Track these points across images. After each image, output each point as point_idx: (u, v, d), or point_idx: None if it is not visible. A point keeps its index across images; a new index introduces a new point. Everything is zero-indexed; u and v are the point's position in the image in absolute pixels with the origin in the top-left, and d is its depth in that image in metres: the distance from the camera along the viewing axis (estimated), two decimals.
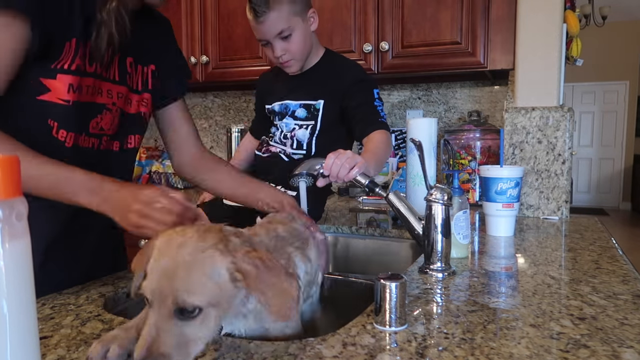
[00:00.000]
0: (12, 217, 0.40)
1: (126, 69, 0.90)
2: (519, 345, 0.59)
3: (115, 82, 0.88)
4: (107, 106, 0.88)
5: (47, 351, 0.58)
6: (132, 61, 0.91)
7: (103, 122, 0.88)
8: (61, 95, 0.78)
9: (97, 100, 0.85)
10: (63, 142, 0.81)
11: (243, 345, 0.59)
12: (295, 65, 1.37)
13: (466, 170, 1.85)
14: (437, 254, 0.91)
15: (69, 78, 0.77)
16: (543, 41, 1.62)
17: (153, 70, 0.97)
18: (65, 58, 0.76)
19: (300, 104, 1.44)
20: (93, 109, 0.85)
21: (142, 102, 0.96)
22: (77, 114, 0.82)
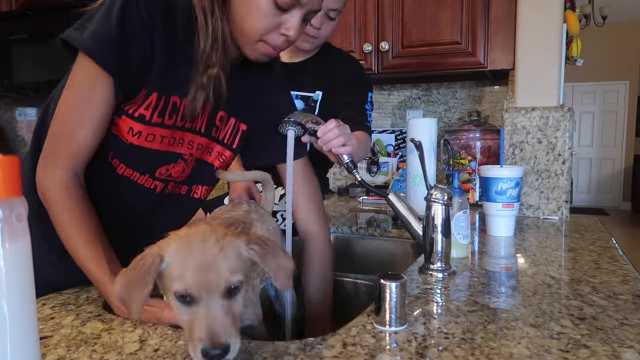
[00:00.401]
0: (12, 217, 0.40)
1: (214, 121, 0.87)
2: (519, 345, 0.59)
3: (200, 133, 0.86)
4: (184, 156, 0.86)
5: (47, 351, 0.58)
6: (224, 115, 0.88)
7: (174, 170, 0.86)
8: (122, 133, 0.79)
9: (175, 149, 0.84)
10: (114, 168, 0.82)
11: (243, 345, 0.59)
12: (315, 44, 1.36)
13: (466, 170, 1.85)
14: (437, 254, 0.91)
15: (130, 122, 0.78)
16: (543, 41, 1.62)
17: (244, 131, 0.93)
18: (135, 104, 0.77)
19: (298, 94, 1.41)
20: (167, 157, 0.84)
21: (221, 157, 0.93)
22: (138, 155, 0.81)
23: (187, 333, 0.51)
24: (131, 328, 0.66)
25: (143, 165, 0.84)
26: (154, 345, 0.60)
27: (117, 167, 0.82)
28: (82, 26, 0.73)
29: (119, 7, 0.71)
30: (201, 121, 0.85)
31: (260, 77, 0.92)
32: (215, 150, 0.91)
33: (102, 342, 0.61)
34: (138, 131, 0.79)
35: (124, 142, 0.79)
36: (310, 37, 1.32)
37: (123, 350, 0.59)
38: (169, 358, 0.56)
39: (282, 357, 0.56)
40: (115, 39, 0.71)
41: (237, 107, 0.90)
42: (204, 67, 0.77)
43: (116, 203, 0.83)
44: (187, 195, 0.93)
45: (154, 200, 0.88)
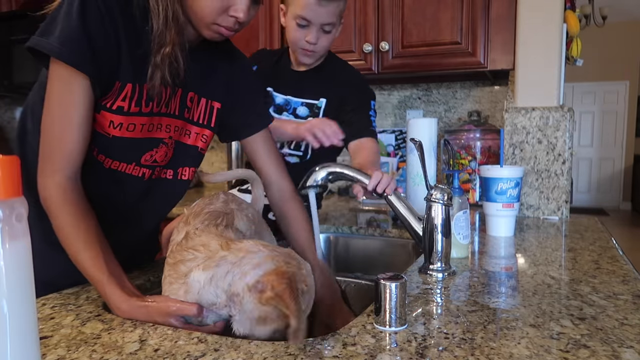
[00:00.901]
0: (12, 218, 0.40)
1: (186, 103, 0.90)
2: (519, 345, 0.59)
3: (175, 116, 0.88)
4: (164, 140, 0.88)
5: (47, 351, 0.58)
6: (194, 95, 0.91)
7: (157, 155, 0.89)
8: (103, 128, 0.80)
9: (155, 135, 0.86)
10: (101, 163, 0.84)
11: (243, 345, 0.59)
12: (314, 58, 1.38)
13: (466, 170, 1.85)
14: (437, 254, 0.91)
15: (109, 115, 0.79)
16: (543, 41, 1.62)
17: (219, 109, 0.96)
18: (111, 97, 0.78)
19: (303, 102, 1.44)
20: (149, 143, 0.86)
21: (202, 137, 0.95)
22: (123, 147, 0.83)
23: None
24: (131, 328, 0.66)
25: (128, 155, 0.85)
26: (154, 345, 0.60)
27: (103, 162, 0.84)
28: (46, 31, 0.73)
29: (78, 5, 0.72)
30: (175, 104, 0.87)
31: (226, 57, 0.97)
32: (193, 132, 0.93)
33: (102, 342, 0.61)
34: (119, 123, 0.80)
35: (107, 136, 0.81)
36: (308, 51, 1.34)
37: (123, 350, 0.59)
38: (169, 358, 0.56)
39: (282, 357, 0.56)
40: (82, 38, 0.72)
41: (207, 88, 0.93)
42: (157, 47, 0.78)
43: (107, 196, 0.85)
44: (173, 178, 0.95)
45: (142, 187, 0.90)
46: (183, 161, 0.95)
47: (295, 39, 1.34)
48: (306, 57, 1.37)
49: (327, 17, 1.29)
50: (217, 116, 0.96)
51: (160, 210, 1.00)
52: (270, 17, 2.05)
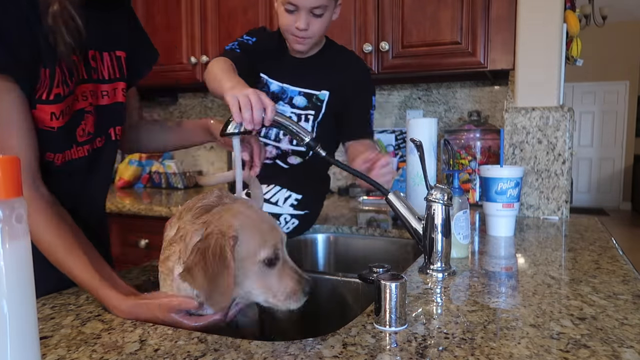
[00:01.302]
0: (12, 218, 0.40)
1: (89, 63, 0.84)
2: (519, 345, 0.59)
3: (84, 80, 0.83)
4: (86, 109, 0.84)
5: (47, 351, 0.58)
6: (94, 53, 0.85)
7: (87, 126, 0.85)
8: (45, 123, 0.75)
9: (76, 107, 0.82)
10: (52, 162, 0.80)
11: (243, 345, 0.59)
12: (307, 45, 1.30)
13: (466, 170, 1.85)
14: (437, 254, 0.91)
15: (49, 107, 0.75)
16: (543, 41, 1.62)
17: (125, 57, 0.91)
18: (42, 87, 0.73)
19: (300, 91, 1.36)
20: (76, 118, 0.82)
21: (121, 91, 0.91)
22: (63, 135, 0.80)
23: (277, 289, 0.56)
24: (131, 328, 0.66)
25: (67, 141, 0.81)
26: (154, 345, 0.60)
27: (54, 161, 0.80)
28: None
29: None
30: (80, 68, 0.82)
31: (116, 9, 0.91)
32: (108, 90, 0.89)
33: (102, 342, 0.61)
34: (60, 112, 0.76)
35: (51, 131, 0.76)
36: (299, 38, 1.26)
37: (123, 350, 0.59)
38: (169, 358, 0.56)
39: (282, 357, 0.56)
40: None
41: (105, 40, 0.87)
42: (44, 7, 0.72)
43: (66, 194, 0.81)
44: (106, 142, 0.91)
45: (86, 163, 0.87)
46: (111, 122, 0.91)
47: (285, 25, 1.27)
48: (298, 44, 1.29)
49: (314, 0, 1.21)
50: (127, 65, 0.91)
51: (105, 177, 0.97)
52: (270, 15, 2.04)
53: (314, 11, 1.22)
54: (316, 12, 1.22)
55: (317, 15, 1.23)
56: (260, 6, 2.07)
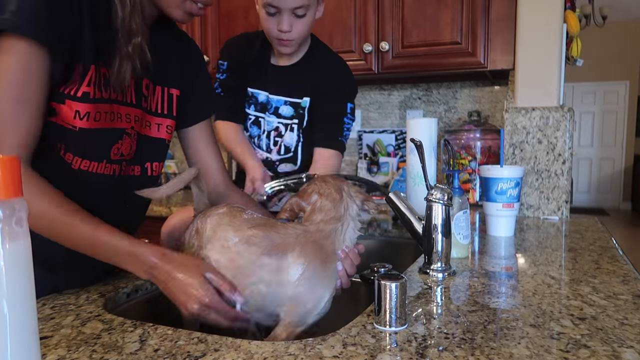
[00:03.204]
0: (12, 218, 0.40)
1: (142, 91, 0.85)
2: (519, 345, 0.59)
3: (132, 105, 0.84)
4: (127, 130, 0.84)
5: (47, 351, 0.58)
6: (149, 82, 0.87)
7: (123, 148, 0.84)
8: (68, 120, 0.75)
9: (117, 125, 0.82)
10: (69, 164, 0.78)
11: (243, 345, 0.59)
12: (292, 47, 1.25)
13: (466, 170, 1.85)
14: (437, 254, 0.91)
15: (75, 104, 0.74)
16: (543, 41, 1.62)
17: (178, 96, 0.92)
18: (73, 83, 0.73)
19: (286, 100, 1.31)
20: (114, 135, 0.82)
21: (166, 128, 0.91)
22: (91, 142, 0.78)
23: None
24: (131, 328, 0.66)
25: (96, 150, 0.80)
26: (154, 345, 0.60)
27: (72, 162, 0.78)
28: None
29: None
30: (130, 92, 0.82)
31: (177, 42, 0.93)
32: (153, 123, 0.89)
33: (102, 342, 0.61)
34: (86, 112, 0.75)
35: (73, 130, 0.75)
36: (283, 41, 1.22)
37: (123, 350, 0.58)
38: (169, 358, 0.56)
39: (282, 357, 0.56)
40: (45, 11, 0.66)
41: (161, 75, 0.88)
42: (126, 36, 0.74)
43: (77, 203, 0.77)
44: (142, 175, 0.90)
45: (112, 188, 0.85)
46: (148, 155, 0.90)
47: (268, 29, 1.22)
48: (283, 46, 1.24)
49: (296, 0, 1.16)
50: (178, 104, 0.92)
51: (134, 212, 0.95)
52: None
53: (296, 12, 1.18)
54: (298, 12, 1.18)
55: (300, 15, 1.18)
56: None
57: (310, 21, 1.22)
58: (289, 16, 1.18)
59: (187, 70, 0.94)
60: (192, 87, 0.95)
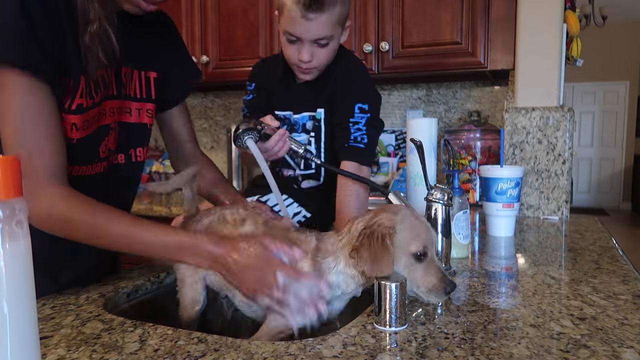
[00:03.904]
0: (12, 218, 0.40)
1: (121, 79, 0.84)
2: (519, 345, 0.59)
3: (114, 97, 0.83)
4: (111, 125, 0.84)
5: (47, 351, 0.58)
6: (127, 70, 0.85)
7: (110, 142, 0.84)
8: (65, 134, 0.74)
9: (102, 123, 0.81)
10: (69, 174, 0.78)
11: (243, 345, 0.59)
12: (312, 75, 1.18)
13: (466, 170, 1.85)
14: (437, 254, 0.91)
15: (71, 118, 0.74)
16: (543, 41, 1.62)
17: (155, 78, 0.91)
18: (66, 97, 0.73)
19: (309, 115, 1.24)
20: (100, 134, 0.81)
21: (146, 112, 0.90)
22: (84, 148, 0.79)
23: (423, 281, 0.67)
24: (131, 328, 0.66)
25: (89, 154, 0.80)
26: (154, 345, 0.60)
27: (70, 172, 0.77)
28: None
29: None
30: (112, 84, 0.82)
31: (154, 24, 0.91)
32: (133, 109, 0.88)
33: (102, 342, 0.61)
34: (82, 124, 0.75)
35: (70, 142, 0.75)
36: (303, 70, 1.15)
37: (123, 350, 0.59)
38: (169, 358, 0.56)
39: (282, 357, 0.56)
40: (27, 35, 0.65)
41: (138, 59, 0.87)
42: (83, 25, 0.72)
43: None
44: (126, 162, 0.90)
45: (101, 183, 0.85)
46: (132, 142, 0.89)
47: (288, 56, 1.15)
48: (304, 74, 1.17)
49: (318, 31, 1.08)
50: (155, 86, 0.90)
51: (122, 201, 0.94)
52: (270, 17, 2.05)
53: (319, 42, 1.10)
54: (321, 42, 1.10)
55: (322, 45, 1.11)
56: (260, 6, 2.07)
57: (332, 49, 1.15)
58: (310, 46, 1.10)
59: (163, 52, 0.93)
60: (170, 67, 0.94)
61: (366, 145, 1.14)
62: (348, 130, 1.14)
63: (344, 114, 1.16)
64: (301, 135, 1.25)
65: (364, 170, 1.13)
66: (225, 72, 2.19)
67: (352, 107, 1.17)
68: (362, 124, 1.15)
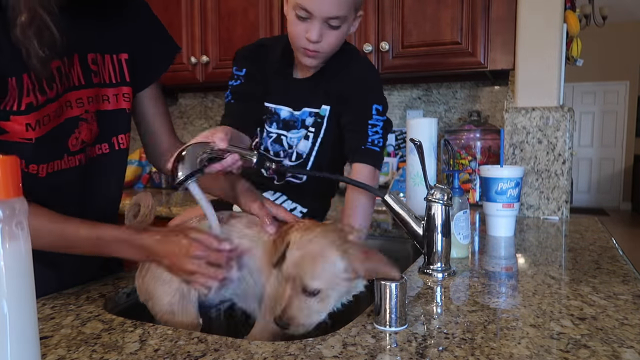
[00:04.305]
0: (12, 218, 0.40)
1: (89, 67, 0.80)
2: (519, 345, 0.59)
3: (82, 86, 0.79)
4: (81, 117, 0.80)
5: (47, 351, 0.58)
6: (95, 56, 0.81)
7: (82, 135, 0.81)
8: (21, 135, 0.72)
9: (68, 115, 0.78)
10: (35, 175, 0.76)
11: (243, 345, 0.59)
12: (316, 60, 1.11)
13: (466, 170, 1.85)
14: (437, 254, 0.91)
15: (22, 118, 0.70)
16: (543, 41, 1.62)
17: (127, 60, 0.87)
18: (12, 98, 0.69)
19: (310, 111, 1.20)
20: (67, 127, 0.78)
21: (123, 97, 0.87)
22: (47, 145, 0.76)
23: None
24: (131, 328, 0.66)
25: (55, 150, 0.78)
26: (154, 345, 0.60)
27: (38, 173, 0.76)
28: None
29: None
30: (76, 73, 0.78)
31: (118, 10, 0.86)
32: (111, 95, 0.85)
33: (102, 342, 0.61)
34: (35, 122, 0.72)
35: (28, 142, 0.73)
36: (309, 51, 1.07)
37: (123, 350, 0.59)
38: (169, 358, 0.56)
39: (282, 357, 0.56)
40: None
41: (106, 42, 0.84)
42: (12, 18, 0.67)
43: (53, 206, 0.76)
44: (111, 151, 0.88)
45: (81, 175, 0.83)
46: (113, 130, 0.87)
47: (295, 35, 1.07)
48: (307, 57, 1.10)
49: (332, 8, 1.02)
50: (128, 68, 0.87)
51: (109, 192, 0.92)
52: (270, 16, 2.05)
53: (330, 22, 1.04)
54: (332, 22, 1.04)
55: (333, 26, 1.05)
56: (260, 6, 2.07)
57: (342, 34, 1.09)
58: (321, 25, 1.04)
59: (132, 32, 0.89)
60: (141, 47, 0.90)
61: (381, 149, 1.10)
62: (365, 133, 1.10)
63: (360, 114, 1.12)
64: (300, 132, 1.21)
65: (377, 174, 1.10)
66: (225, 72, 2.19)
67: (369, 107, 1.12)
68: (379, 126, 1.11)
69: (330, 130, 1.19)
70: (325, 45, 1.06)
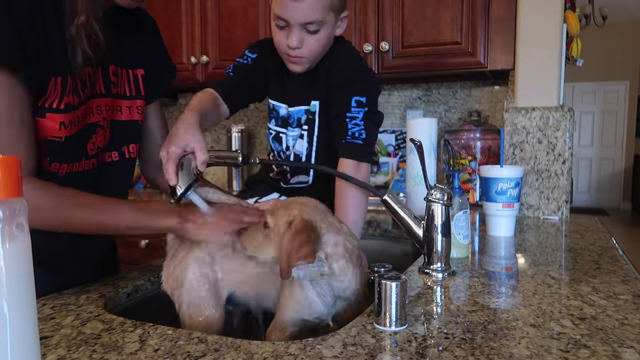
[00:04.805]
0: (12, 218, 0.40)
1: (109, 78, 0.86)
2: (519, 345, 0.59)
3: (102, 95, 0.84)
4: (99, 123, 0.85)
5: (47, 351, 0.58)
6: (116, 68, 0.87)
7: (98, 140, 0.85)
8: (53, 132, 0.75)
9: (89, 121, 0.82)
10: (56, 173, 0.79)
11: (243, 345, 0.59)
12: (302, 65, 1.13)
13: (466, 170, 1.85)
14: (437, 254, 0.91)
15: (59, 117, 0.74)
16: (543, 41, 1.62)
17: (143, 75, 0.93)
18: (53, 96, 0.73)
19: (305, 109, 1.20)
20: (87, 132, 0.82)
21: (136, 109, 0.92)
22: (71, 146, 0.79)
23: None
24: (131, 328, 0.66)
25: (77, 152, 0.81)
26: (154, 345, 0.60)
27: (58, 172, 0.79)
28: None
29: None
30: (98, 82, 0.83)
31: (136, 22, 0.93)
32: (124, 107, 0.90)
33: (102, 342, 0.61)
34: (69, 122, 0.76)
35: (58, 141, 0.75)
36: (292, 57, 1.10)
37: (123, 350, 0.59)
38: (169, 358, 0.56)
39: (282, 357, 0.56)
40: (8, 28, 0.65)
41: (126, 57, 0.90)
42: (70, 17, 0.72)
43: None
44: (120, 159, 0.92)
45: (91, 179, 0.86)
46: (124, 139, 0.91)
47: (277, 43, 1.11)
48: (292, 64, 1.12)
49: (306, 14, 1.03)
50: (144, 83, 0.93)
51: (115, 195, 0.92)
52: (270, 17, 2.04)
53: (308, 27, 1.06)
54: (310, 27, 1.06)
55: (312, 31, 1.07)
56: (260, 6, 2.07)
57: (324, 38, 1.09)
58: (300, 31, 1.06)
59: (147, 50, 0.96)
60: (152, 65, 0.97)
61: (364, 141, 1.07)
62: (345, 126, 1.08)
63: (340, 108, 1.10)
64: (295, 130, 1.21)
65: (363, 167, 1.07)
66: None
67: (348, 100, 1.10)
68: (359, 118, 1.09)
69: (323, 128, 1.18)
70: (305, 50, 1.08)
